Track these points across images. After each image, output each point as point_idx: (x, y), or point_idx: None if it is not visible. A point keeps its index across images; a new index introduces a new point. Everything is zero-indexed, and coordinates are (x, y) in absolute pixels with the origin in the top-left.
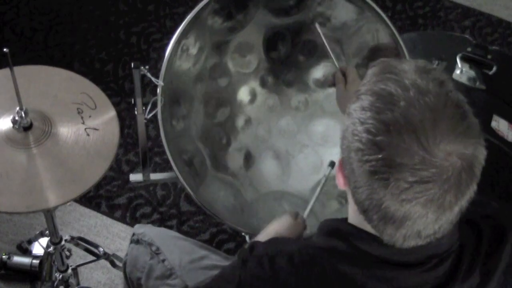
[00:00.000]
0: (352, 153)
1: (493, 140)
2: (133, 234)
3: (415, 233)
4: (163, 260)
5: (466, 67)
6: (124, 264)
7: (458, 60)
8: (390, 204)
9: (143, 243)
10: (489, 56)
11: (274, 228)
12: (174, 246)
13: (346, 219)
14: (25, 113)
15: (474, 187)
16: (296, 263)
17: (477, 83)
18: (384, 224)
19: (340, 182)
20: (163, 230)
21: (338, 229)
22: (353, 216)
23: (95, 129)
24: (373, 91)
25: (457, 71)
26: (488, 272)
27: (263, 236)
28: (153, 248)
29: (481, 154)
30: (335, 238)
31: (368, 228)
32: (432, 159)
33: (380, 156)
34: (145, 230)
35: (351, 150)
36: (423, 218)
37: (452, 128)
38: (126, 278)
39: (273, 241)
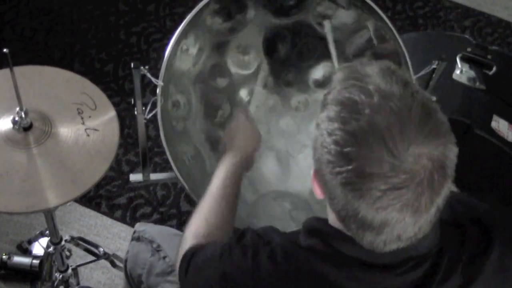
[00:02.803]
0: (323, 165)
1: (493, 140)
2: (134, 232)
3: (395, 237)
4: (164, 257)
5: (466, 67)
6: (125, 261)
7: (458, 60)
8: (366, 213)
9: (144, 241)
10: (489, 56)
11: (240, 141)
12: (175, 243)
13: (327, 220)
14: (25, 113)
15: (448, 185)
16: (276, 258)
17: (477, 83)
18: (363, 231)
19: (317, 192)
20: (164, 228)
21: (318, 229)
22: (333, 221)
23: (95, 129)
24: (338, 100)
25: (457, 71)
26: (471, 275)
27: (234, 150)
28: (154, 245)
29: (452, 152)
30: (314, 237)
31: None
32: (402, 165)
33: (350, 167)
34: (146, 228)
35: (322, 162)
36: (401, 223)
37: (420, 130)
38: (127, 275)
39: (261, 232)
